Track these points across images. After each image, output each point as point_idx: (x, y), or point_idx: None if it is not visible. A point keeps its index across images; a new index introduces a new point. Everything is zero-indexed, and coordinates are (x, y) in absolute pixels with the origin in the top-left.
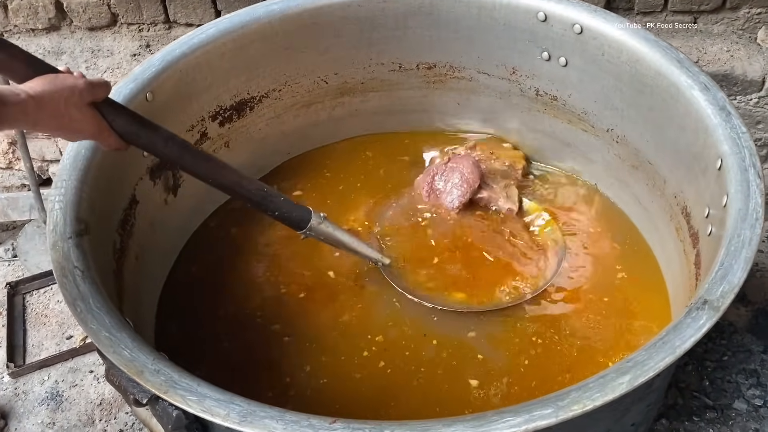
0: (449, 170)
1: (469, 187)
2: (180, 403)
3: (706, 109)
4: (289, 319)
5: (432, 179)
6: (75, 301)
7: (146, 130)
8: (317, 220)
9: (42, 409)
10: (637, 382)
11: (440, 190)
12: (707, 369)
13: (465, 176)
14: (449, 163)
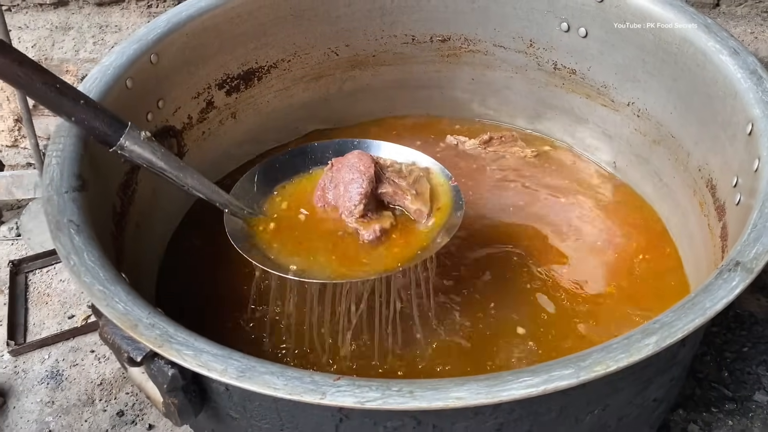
0: (336, 171)
1: (364, 175)
2: (176, 357)
3: (736, 73)
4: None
5: (323, 192)
6: (69, 255)
7: None
8: (132, 139)
9: (42, 387)
10: (665, 344)
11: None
12: (726, 360)
13: (355, 166)
14: (333, 166)
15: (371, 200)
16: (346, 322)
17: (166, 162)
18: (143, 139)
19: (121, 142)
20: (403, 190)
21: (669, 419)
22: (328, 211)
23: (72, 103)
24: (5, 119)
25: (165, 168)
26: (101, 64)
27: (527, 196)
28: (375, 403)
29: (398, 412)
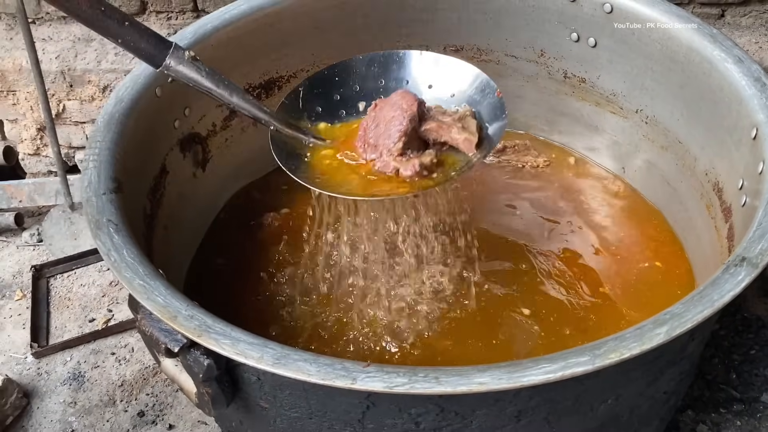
0: (379, 110)
1: (405, 112)
2: (214, 346)
3: (741, 80)
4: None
5: (364, 133)
6: (109, 252)
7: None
8: (177, 60)
9: (64, 388)
10: (675, 333)
11: (376, 135)
12: (734, 362)
13: (397, 104)
14: (377, 106)
15: (413, 139)
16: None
17: (210, 80)
18: (187, 58)
19: (167, 61)
20: (449, 125)
21: (679, 419)
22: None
23: (117, 24)
24: (28, 128)
25: (210, 87)
26: (133, 74)
27: (539, 201)
28: (403, 387)
29: (423, 397)
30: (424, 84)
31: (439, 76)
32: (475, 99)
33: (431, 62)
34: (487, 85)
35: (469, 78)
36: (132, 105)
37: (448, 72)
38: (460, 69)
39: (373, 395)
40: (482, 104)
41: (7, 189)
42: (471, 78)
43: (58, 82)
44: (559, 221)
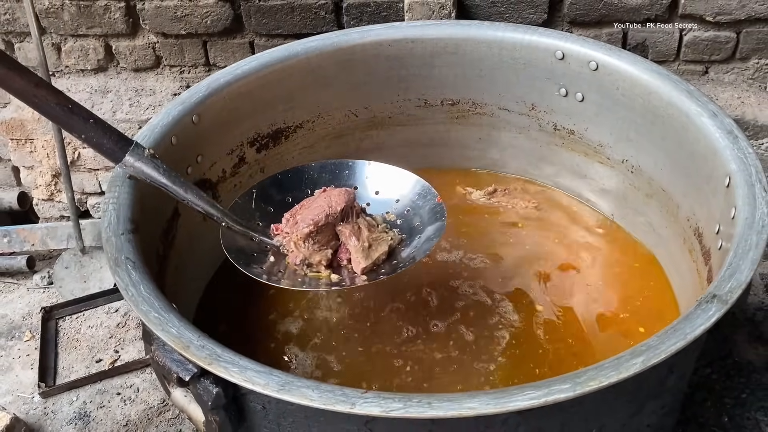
0: (318, 196)
1: (329, 208)
2: (223, 373)
3: (715, 133)
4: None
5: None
6: (127, 287)
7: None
8: (136, 157)
9: (70, 428)
10: (650, 363)
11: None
12: (726, 406)
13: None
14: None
15: (326, 232)
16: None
17: (167, 178)
18: (147, 155)
19: (126, 158)
20: (359, 238)
21: None
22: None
23: (82, 121)
24: (44, 174)
25: (166, 183)
26: (150, 124)
27: (525, 241)
28: (398, 412)
29: (418, 423)
30: (372, 189)
31: (384, 183)
32: (417, 203)
33: (377, 171)
34: (429, 191)
35: (410, 185)
36: None
37: (392, 179)
38: (402, 177)
39: (371, 422)
40: (424, 208)
41: (20, 233)
42: (412, 185)
43: None
44: (548, 259)
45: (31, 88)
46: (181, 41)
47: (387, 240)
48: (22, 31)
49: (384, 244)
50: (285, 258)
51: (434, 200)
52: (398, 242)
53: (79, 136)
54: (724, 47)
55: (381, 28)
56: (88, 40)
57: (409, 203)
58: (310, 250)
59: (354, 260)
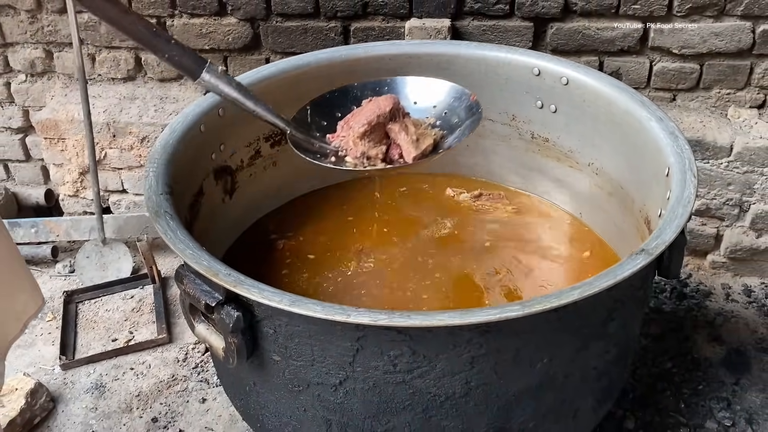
0: (367, 103)
1: (378, 109)
2: (246, 292)
3: (660, 134)
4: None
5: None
6: (167, 232)
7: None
8: (211, 74)
9: (87, 396)
10: (585, 294)
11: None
12: (684, 395)
13: (378, 102)
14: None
15: (378, 130)
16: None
17: (237, 91)
18: (219, 72)
19: (203, 75)
20: (408, 133)
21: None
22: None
23: (165, 42)
24: (71, 172)
25: (236, 96)
26: (183, 112)
27: (504, 234)
28: (383, 321)
29: (399, 340)
30: (411, 101)
31: (421, 93)
32: (454, 105)
33: (414, 83)
34: (463, 92)
35: (445, 91)
36: (181, 135)
37: (429, 89)
38: (438, 85)
39: (361, 338)
40: (460, 107)
41: (47, 224)
42: (447, 90)
43: (103, 132)
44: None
45: (122, 15)
46: (204, 56)
47: (431, 134)
48: (62, 41)
49: (429, 138)
50: (344, 160)
51: (469, 99)
52: (440, 137)
53: (162, 56)
54: (689, 77)
55: (383, 44)
56: (120, 52)
57: (446, 106)
58: (367, 146)
59: (405, 151)
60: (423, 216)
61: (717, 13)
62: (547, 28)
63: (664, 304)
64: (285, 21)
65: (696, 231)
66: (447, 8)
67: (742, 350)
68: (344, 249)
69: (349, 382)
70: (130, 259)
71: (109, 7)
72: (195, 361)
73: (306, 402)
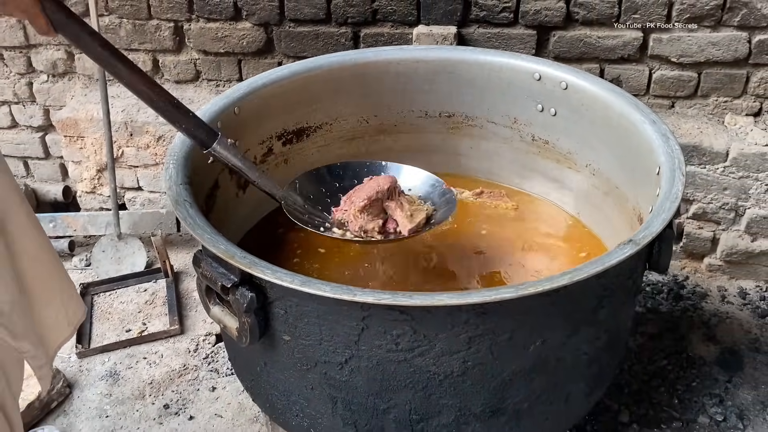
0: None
1: (378, 187)
2: (260, 273)
3: (652, 135)
4: None
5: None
6: (186, 218)
7: (73, 22)
8: (221, 146)
9: (101, 383)
10: (575, 279)
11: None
12: (678, 391)
13: (378, 181)
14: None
15: (376, 206)
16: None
17: (242, 163)
18: (229, 145)
19: (214, 146)
20: (402, 210)
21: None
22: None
23: (184, 116)
24: (89, 169)
25: (241, 167)
26: (201, 110)
27: (503, 230)
28: (387, 300)
29: (402, 319)
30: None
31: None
32: (428, 191)
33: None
34: (436, 180)
35: (422, 178)
36: None
37: (407, 175)
38: (415, 173)
39: (367, 317)
40: (434, 193)
41: (65, 219)
42: (423, 178)
43: (121, 131)
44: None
45: (150, 88)
46: (219, 59)
47: (424, 210)
48: None
49: (422, 213)
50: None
51: (442, 186)
52: (432, 212)
53: (180, 127)
54: (687, 85)
55: (391, 49)
56: (139, 54)
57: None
58: (365, 219)
59: (401, 225)
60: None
61: (714, 23)
62: (549, 36)
63: (661, 305)
64: (297, 26)
65: (693, 234)
66: (453, 16)
67: (735, 350)
68: (351, 244)
69: (354, 361)
70: (144, 254)
71: (137, 80)
72: (205, 352)
73: (313, 380)
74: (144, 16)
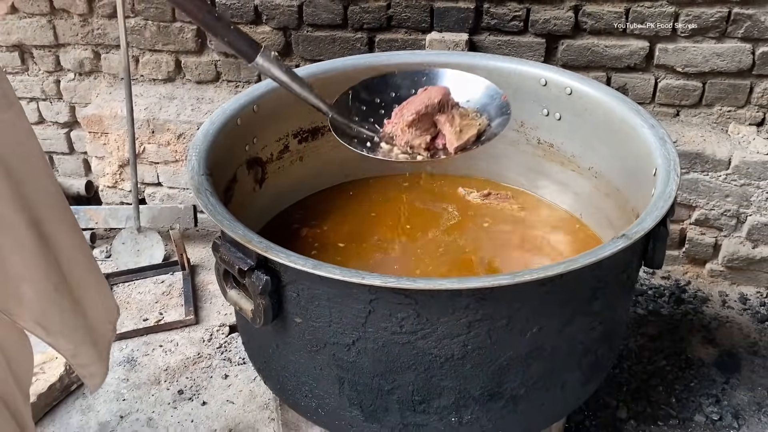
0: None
1: (427, 99)
2: (275, 257)
3: (650, 138)
4: None
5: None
6: (207, 205)
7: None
8: (265, 58)
9: (119, 368)
10: (570, 268)
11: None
12: (675, 390)
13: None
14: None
15: (426, 120)
16: None
17: (287, 75)
18: (272, 57)
19: (258, 58)
20: (452, 124)
21: (622, 428)
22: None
23: (225, 27)
24: (112, 165)
25: (286, 80)
26: (222, 107)
27: (508, 229)
28: (392, 284)
29: (406, 303)
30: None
31: (458, 87)
32: (485, 102)
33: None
34: (495, 92)
35: (481, 88)
36: (221, 127)
37: (465, 84)
38: (474, 81)
39: (373, 300)
40: (491, 105)
41: (87, 212)
42: (483, 88)
43: (143, 128)
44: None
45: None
46: (239, 60)
47: (476, 125)
48: (109, 43)
49: (473, 129)
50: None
51: (500, 98)
52: (485, 127)
53: (222, 39)
54: (692, 94)
55: (404, 53)
56: (162, 55)
57: (479, 102)
58: (413, 134)
59: (448, 141)
60: (437, 211)
61: (719, 34)
62: (558, 45)
63: (662, 308)
64: (315, 31)
65: (695, 240)
66: (465, 23)
67: (734, 352)
68: (363, 238)
69: (361, 342)
70: (162, 247)
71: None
72: (219, 342)
73: (322, 361)
74: (168, 19)
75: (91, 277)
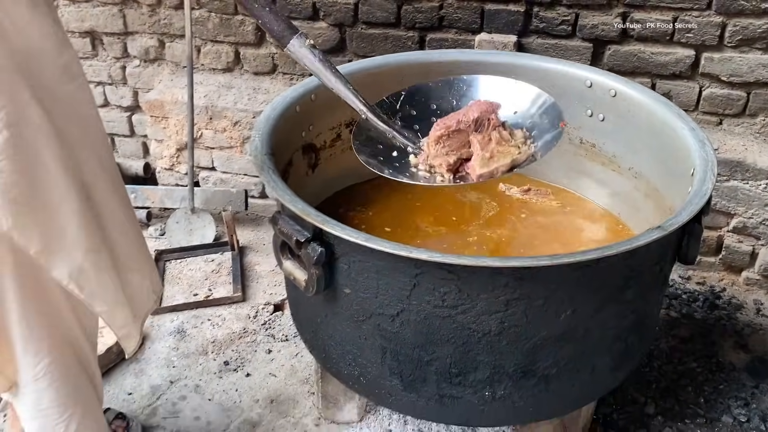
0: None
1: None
2: (331, 229)
3: (690, 140)
4: None
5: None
6: (269, 182)
7: None
8: (298, 43)
9: (170, 338)
10: (605, 254)
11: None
12: (704, 392)
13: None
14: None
15: (456, 138)
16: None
17: (321, 64)
18: (307, 44)
19: (292, 42)
20: (483, 147)
21: (650, 423)
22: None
23: (260, 8)
24: (170, 148)
25: (319, 69)
26: (282, 95)
27: (546, 224)
28: (438, 259)
29: (449, 278)
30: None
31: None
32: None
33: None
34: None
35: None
36: (281, 112)
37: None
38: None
39: (419, 275)
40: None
41: (144, 191)
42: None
43: (201, 114)
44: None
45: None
46: None
47: (511, 155)
48: (174, 33)
49: (506, 158)
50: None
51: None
52: (524, 159)
53: (257, 20)
54: (736, 104)
55: (455, 52)
56: (223, 46)
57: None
58: (437, 152)
59: (471, 166)
60: (478, 204)
61: (765, 46)
62: (605, 50)
63: (696, 312)
64: (369, 28)
65: (733, 247)
66: (515, 26)
67: (765, 359)
68: (408, 225)
69: (405, 314)
70: (213, 228)
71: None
72: (264, 319)
73: (367, 331)
74: (230, 11)
75: (135, 249)
